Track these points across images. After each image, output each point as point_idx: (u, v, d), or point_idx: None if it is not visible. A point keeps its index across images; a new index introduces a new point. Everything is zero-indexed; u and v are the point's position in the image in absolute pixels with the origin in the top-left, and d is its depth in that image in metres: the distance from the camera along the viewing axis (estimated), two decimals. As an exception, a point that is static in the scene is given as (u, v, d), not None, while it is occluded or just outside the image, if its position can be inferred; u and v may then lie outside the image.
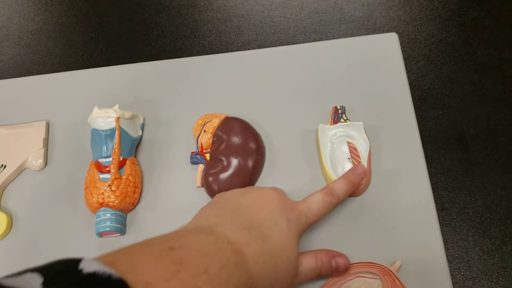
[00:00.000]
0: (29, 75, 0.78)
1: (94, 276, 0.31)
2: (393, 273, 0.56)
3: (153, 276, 0.35)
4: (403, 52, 0.69)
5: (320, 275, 0.55)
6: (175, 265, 0.38)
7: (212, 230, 0.47)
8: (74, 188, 0.67)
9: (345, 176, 0.58)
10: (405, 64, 0.70)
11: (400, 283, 0.56)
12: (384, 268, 0.57)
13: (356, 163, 0.62)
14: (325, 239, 0.61)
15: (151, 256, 0.38)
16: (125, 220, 0.65)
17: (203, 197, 0.65)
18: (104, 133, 0.64)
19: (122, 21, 0.91)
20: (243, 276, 0.44)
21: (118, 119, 0.65)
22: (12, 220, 0.66)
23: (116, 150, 0.64)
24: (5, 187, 0.69)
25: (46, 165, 0.70)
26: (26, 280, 0.30)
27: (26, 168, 0.70)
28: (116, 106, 0.66)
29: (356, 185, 0.58)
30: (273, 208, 0.51)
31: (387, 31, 0.86)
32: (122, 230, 0.63)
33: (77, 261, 0.33)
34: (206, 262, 0.40)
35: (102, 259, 0.35)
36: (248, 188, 0.56)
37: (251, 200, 0.52)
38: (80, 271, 0.32)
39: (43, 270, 0.31)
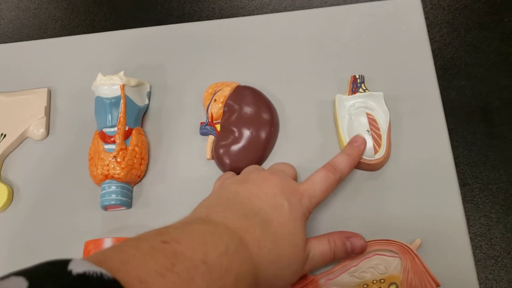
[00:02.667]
0: (29, 40, 0.75)
1: (85, 277, 0.30)
2: (413, 251, 0.54)
3: (147, 272, 0.33)
4: (426, 18, 0.65)
5: (335, 259, 0.53)
6: (169, 258, 0.36)
7: (208, 219, 0.45)
8: (77, 159, 0.65)
9: (344, 149, 0.56)
10: (428, 32, 0.66)
11: (420, 261, 0.54)
12: (404, 246, 0.54)
13: (376, 136, 0.59)
14: (341, 216, 0.59)
15: (143, 251, 0.36)
16: (131, 193, 0.62)
17: (213, 170, 0.62)
18: (108, 101, 0.61)
19: (127, -17, 0.87)
20: (245, 263, 0.42)
21: (123, 86, 0.61)
22: (13, 191, 0.64)
23: (121, 119, 0.61)
24: (6, 157, 0.66)
25: (48, 134, 0.67)
26: (10, 285, 0.28)
27: (27, 137, 0.67)
28: (121, 73, 0.62)
29: (357, 158, 0.56)
30: (273, 192, 0.49)
31: (408, -4, 0.82)
32: (128, 204, 0.61)
33: (65, 262, 0.31)
34: (203, 251, 0.38)
35: (93, 258, 0.33)
36: (246, 173, 0.54)
37: (249, 187, 0.50)
38: (70, 272, 0.30)
39: (28, 273, 0.29)
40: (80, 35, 0.74)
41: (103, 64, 0.70)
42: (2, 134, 0.66)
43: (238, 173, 0.61)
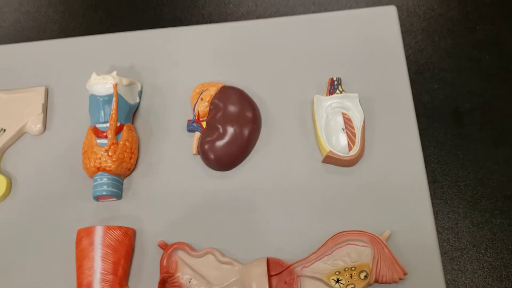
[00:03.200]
0: (29, 41, 0.78)
1: None
2: (382, 242, 0.58)
3: None
4: (402, 25, 0.69)
5: None
6: None
7: None
8: (72, 153, 0.68)
9: None
10: (403, 38, 0.70)
11: (389, 251, 0.57)
12: (374, 236, 0.58)
13: (351, 134, 0.63)
14: (317, 207, 0.63)
15: None
16: (122, 185, 0.66)
17: (198, 164, 0.66)
18: (102, 99, 0.65)
19: (122, -11, 0.91)
20: None
21: (115, 85, 0.65)
22: (11, 182, 0.68)
23: (113, 115, 0.64)
24: (5, 151, 0.70)
25: (45, 130, 0.71)
26: None
27: (25, 132, 0.71)
28: (114, 73, 0.66)
29: None
30: None
31: (387, 5, 0.86)
32: (118, 195, 0.64)
33: None
34: None
35: None
36: None
37: None
38: None
39: None
40: (76, 37, 0.77)
41: (98, 64, 0.74)
42: (1, 129, 0.69)
43: (221, 168, 0.65)
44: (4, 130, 0.69)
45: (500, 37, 0.78)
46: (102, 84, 0.65)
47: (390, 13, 0.72)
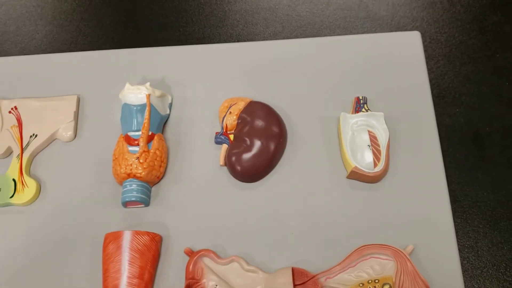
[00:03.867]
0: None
1: None
2: (406, 256, 0.59)
3: None
4: (425, 51, 0.72)
5: None
6: None
7: None
8: (101, 160, 0.70)
9: None
10: (426, 63, 0.72)
11: (412, 265, 0.58)
12: (398, 250, 0.59)
13: (376, 151, 0.65)
14: (341, 221, 0.64)
15: None
16: (150, 192, 0.67)
17: (225, 175, 0.68)
18: (135, 108, 0.67)
19: (153, 7, 0.94)
20: None
21: (149, 95, 0.67)
22: (40, 186, 0.69)
23: (146, 124, 0.66)
24: (35, 155, 0.71)
25: (75, 137, 0.73)
26: None
27: (56, 138, 0.73)
28: (148, 84, 0.69)
29: None
30: None
31: (410, 31, 0.89)
32: (146, 201, 0.66)
33: None
34: None
35: None
36: None
37: None
38: None
39: None
40: (109, 50, 0.80)
41: (129, 77, 0.76)
42: (34, 134, 0.71)
43: (247, 179, 0.66)
44: (36, 136, 0.71)
45: (519, 64, 0.80)
46: (136, 94, 0.67)
47: (414, 38, 0.75)
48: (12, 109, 0.73)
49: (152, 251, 0.61)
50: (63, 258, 0.64)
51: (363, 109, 0.68)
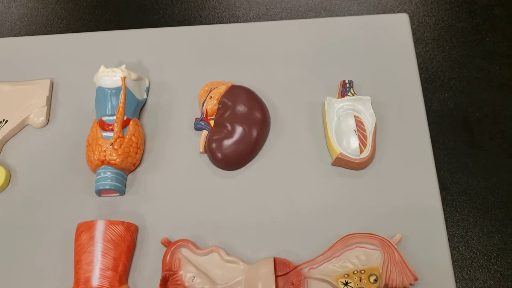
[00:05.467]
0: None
1: None
2: (393, 245, 0.56)
3: None
4: (413, 34, 0.69)
5: None
6: None
7: None
8: (74, 147, 0.67)
9: None
10: (414, 47, 0.69)
11: (400, 255, 0.56)
12: (385, 240, 0.57)
13: (362, 137, 0.62)
14: (326, 209, 0.61)
15: None
16: (126, 180, 0.64)
17: (205, 163, 0.65)
18: (109, 91, 0.64)
19: (131, -11, 0.91)
20: None
21: (124, 78, 0.64)
22: (10, 174, 0.66)
23: (120, 108, 0.63)
24: (5, 142, 0.68)
25: (48, 122, 0.69)
26: None
27: (27, 124, 0.69)
28: (123, 66, 0.65)
29: None
30: None
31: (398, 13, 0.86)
32: (122, 190, 0.63)
33: None
34: None
35: None
36: None
37: None
38: None
39: None
40: (83, 32, 0.76)
41: (105, 60, 0.73)
42: (4, 120, 0.68)
43: (228, 167, 0.64)
44: (6, 121, 0.68)
45: (510, 48, 0.78)
46: (111, 77, 0.64)
47: (402, 20, 0.72)
48: (-20, 93, 0.70)
49: (126, 242, 0.58)
50: (33, 249, 0.61)
51: (349, 93, 0.65)
